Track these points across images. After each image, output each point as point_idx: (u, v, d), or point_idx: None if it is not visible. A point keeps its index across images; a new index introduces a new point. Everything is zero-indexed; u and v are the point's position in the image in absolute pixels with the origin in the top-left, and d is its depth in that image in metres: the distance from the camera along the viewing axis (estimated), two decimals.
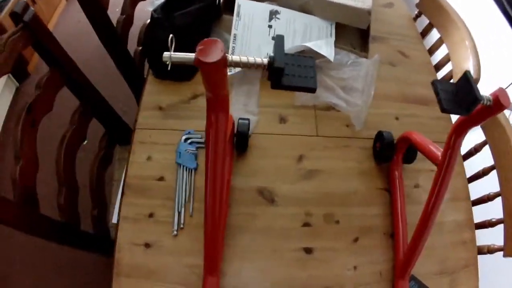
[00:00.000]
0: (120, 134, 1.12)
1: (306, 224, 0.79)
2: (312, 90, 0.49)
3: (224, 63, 0.47)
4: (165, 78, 0.92)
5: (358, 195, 0.84)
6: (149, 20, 1.11)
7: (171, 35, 0.49)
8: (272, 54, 0.47)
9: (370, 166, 0.88)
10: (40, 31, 0.76)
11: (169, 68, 0.48)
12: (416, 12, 1.25)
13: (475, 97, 0.55)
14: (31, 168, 0.75)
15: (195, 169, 0.81)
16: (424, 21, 1.24)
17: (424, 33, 1.23)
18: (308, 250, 0.76)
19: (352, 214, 0.81)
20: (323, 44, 0.89)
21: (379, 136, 0.87)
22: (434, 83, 0.60)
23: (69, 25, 2.14)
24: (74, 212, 0.89)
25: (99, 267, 1.25)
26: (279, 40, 0.49)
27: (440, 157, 0.69)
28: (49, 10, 2.09)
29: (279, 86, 0.48)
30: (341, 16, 0.95)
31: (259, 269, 0.73)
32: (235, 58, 0.48)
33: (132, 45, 1.13)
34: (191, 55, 0.47)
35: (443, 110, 0.58)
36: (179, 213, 0.76)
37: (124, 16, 1.05)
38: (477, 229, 0.95)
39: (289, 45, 0.90)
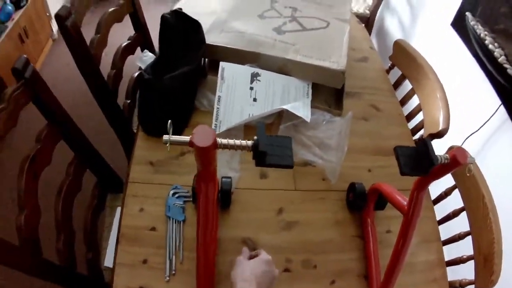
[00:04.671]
0: (111, 182, 1.18)
1: (286, 270, 0.85)
2: (290, 167, 0.58)
3: (214, 146, 0.55)
4: (154, 135, 0.99)
5: (333, 243, 0.90)
6: (136, 74, 1.20)
7: (169, 121, 0.57)
8: (256, 137, 0.56)
9: (344, 215, 0.95)
10: (40, 87, 0.83)
11: (168, 149, 0.56)
12: (389, 65, 1.35)
13: (431, 161, 0.64)
14: (34, 216, 0.81)
15: (183, 221, 0.88)
16: (397, 72, 1.34)
17: (397, 84, 1.32)
18: None
19: (328, 260, 0.88)
20: (300, 106, 0.98)
21: (352, 187, 0.95)
22: (396, 150, 0.69)
23: (56, 66, 2.16)
24: (71, 256, 0.95)
25: None
26: (261, 127, 0.58)
27: (406, 207, 0.77)
28: (36, 50, 2.13)
29: (263, 165, 0.57)
30: (317, 76, 1.03)
31: None
32: (224, 141, 0.57)
33: (121, 97, 1.20)
34: (187, 138, 0.56)
35: (402, 173, 0.67)
36: (171, 260, 0.82)
37: (114, 70, 1.12)
38: (450, 266, 1.02)
39: (269, 107, 0.98)
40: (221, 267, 0.82)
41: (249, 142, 0.59)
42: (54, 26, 2.34)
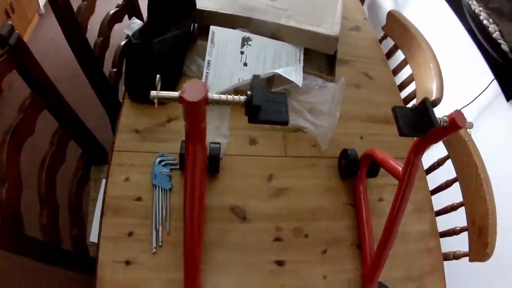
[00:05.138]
0: (96, 154, 1.15)
1: (277, 239, 0.83)
2: (285, 123, 0.55)
3: (205, 101, 0.52)
4: (141, 102, 0.96)
5: (325, 210, 0.89)
6: (124, 42, 1.16)
7: (158, 76, 0.54)
8: (249, 92, 0.53)
9: (336, 182, 0.93)
10: (25, 55, 0.79)
11: (156, 106, 0.53)
12: (382, 35, 1.33)
13: (431, 122, 0.61)
14: (16, 190, 0.77)
15: (170, 189, 0.85)
16: (389, 43, 1.32)
17: (390, 54, 1.30)
18: (280, 263, 0.80)
19: (320, 228, 0.86)
20: (292, 71, 0.95)
21: (344, 153, 0.93)
22: (394, 109, 0.66)
23: (42, 41, 2.12)
24: (56, 231, 0.91)
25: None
26: (256, 80, 0.55)
27: (401, 173, 0.75)
28: (22, 25, 2.09)
29: (256, 121, 0.54)
30: (309, 42, 1.01)
31: (235, 281, 0.77)
32: (215, 96, 0.53)
33: (107, 66, 1.16)
34: (176, 94, 0.52)
35: (401, 134, 0.64)
36: (157, 231, 0.79)
37: (101, 38, 1.08)
38: (443, 237, 1.01)
39: (260, 71, 0.95)
40: (208, 236, 0.80)
41: (242, 97, 0.55)
42: (42, 1, 2.28)
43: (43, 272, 1.35)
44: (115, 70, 1.14)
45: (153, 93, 0.54)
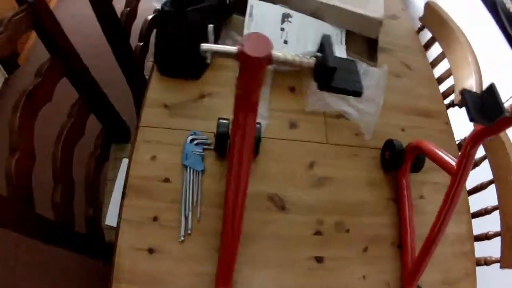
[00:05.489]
0: (117, 131, 1.07)
1: (317, 233, 0.77)
2: (359, 94, 0.48)
3: (269, 59, 0.45)
4: (171, 75, 0.88)
5: (367, 205, 0.83)
6: (151, 16, 1.08)
7: (211, 25, 0.47)
8: (318, 54, 0.46)
9: (379, 175, 0.87)
10: (44, 14, 0.72)
11: (208, 61, 0.45)
12: (419, 25, 1.27)
13: (501, 109, 0.56)
14: (28, 161, 0.70)
15: (203, 171, 0.78)
16: (427, 34, 1.26)
17: (427, 46, 1.25)
18: (319, 259, 0.74)
19: (361, 224, 0.80)
20: (336, 51, 0.88)
21: (389, 144, 0.87)
22: (463, 93, 0.61)
23: (62, 20, 2.06)
24: (69, 211, 0.84)
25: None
26: (327, 40, 0.48)
27: (454, 166, 0.69)
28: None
29: (328, 88, 0.46)
30: (352, 24, 0.95)
31: (270, 277, 0.71)
32: (281, 55, 0.46)
33: (133, 41, 1.09)
34: (234, 48, 0.45)
35: (472, 119, 0.58)
36: (186, 218, 0.72)
37: (128, 9, 1.01)
38: (476, 241, 0.95)
39: (301, 50, 0.88)
40: (244, 227, 0.72)
41: (311, 59, 0.48)
42: None
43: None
44: (141, 44, 1.06)
45: (204, 46, 0.47)
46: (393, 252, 0.79)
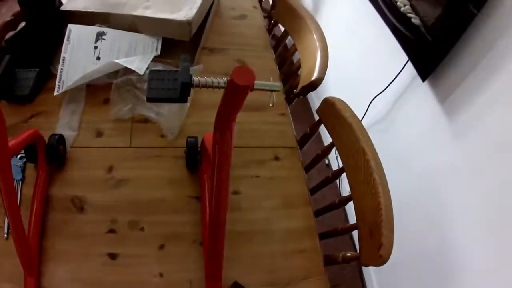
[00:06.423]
0: None
1: (111, 231, 0.82)
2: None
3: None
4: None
5: (165, 203, 0.86)
6: None
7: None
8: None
9: (182, 174, 0.90)
10: None
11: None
12: (272, 21, 1.27)
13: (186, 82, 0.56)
14: None
15: (21, 180, 0.87)
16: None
17: (280, 41, 1.23)
18: (112, 256, 0.79)
19: (158, 222, 0.83)
20: (137, 60, 0.94)
21: (187, 142, 0.88)
22: (150, 72, 0.61)
23: None
24: None
25: None
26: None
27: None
28: None
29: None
30: (164, 30, 0.99)
31: (70, 271, 0.77)
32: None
33: None
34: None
35: (148, 99, 0.59)
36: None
37: None
38: (331, 237, 0.93)
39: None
40: (50, 226, 0.80)
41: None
42: None
43: None
44: None
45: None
46: (195, 250, 0.81)
